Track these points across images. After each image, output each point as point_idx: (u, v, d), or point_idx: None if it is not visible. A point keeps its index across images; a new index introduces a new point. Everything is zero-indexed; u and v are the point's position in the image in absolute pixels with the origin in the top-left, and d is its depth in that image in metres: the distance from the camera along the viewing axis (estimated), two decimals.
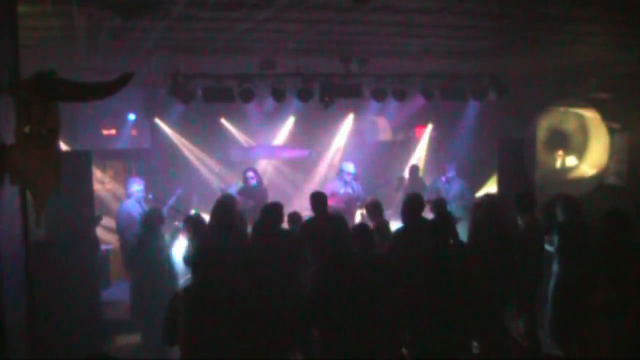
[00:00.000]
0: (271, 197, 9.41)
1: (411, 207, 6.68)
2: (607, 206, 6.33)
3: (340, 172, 9.92)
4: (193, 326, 4.45)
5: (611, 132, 10.85)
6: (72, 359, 6.04)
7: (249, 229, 7.12)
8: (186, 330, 4.47)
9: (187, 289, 4.81)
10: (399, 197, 10.22)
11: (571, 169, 11.48)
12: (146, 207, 8.20)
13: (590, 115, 11.00)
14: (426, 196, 8.50)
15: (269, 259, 5.35)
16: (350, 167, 9.81)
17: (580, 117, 11.15)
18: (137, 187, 8.56)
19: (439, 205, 7.45)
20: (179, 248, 7.31)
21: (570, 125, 11.34)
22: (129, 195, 8.58)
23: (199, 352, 4.45)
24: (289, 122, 12.49)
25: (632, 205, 7.80)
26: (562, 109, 11.27)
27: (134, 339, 7.28)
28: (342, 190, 9.62)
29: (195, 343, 4.44)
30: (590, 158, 11.19)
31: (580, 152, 11.31)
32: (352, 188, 9.67)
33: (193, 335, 4.44)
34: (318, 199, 7.20)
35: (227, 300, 4.54)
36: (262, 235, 6.57)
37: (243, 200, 9.02)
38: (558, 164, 11.59)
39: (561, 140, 11.45)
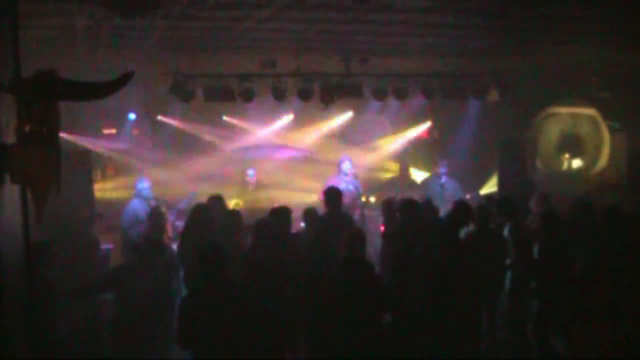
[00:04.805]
0: (270, 197, 9.44)
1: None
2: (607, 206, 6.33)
3: (339, 169, 9.72)
4: (201, 327, 4.39)
5: (611, 131, 10.86)
6: (72, 359, 6.03)
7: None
8: (195, 331, 4.41)
9: (194, 290, 4.78)
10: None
11: (576, 170, 11.40)
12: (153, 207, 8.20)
13: (600, 118, 10.96)
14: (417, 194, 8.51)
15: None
16: (348, 164, 9.64)
17: (593, 120, 11.06)
18: (143, 185, 8.57)
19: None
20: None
21: (583, 129, 11.25)
22: (135, 195, 8.58)
23: (207, 352, 4.39)
24: (289, 121, 12.46)
25: (632, 205, 7.82)
26: (569, 111, 11.19)
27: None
28: (342, 187, 9.51)
29: (204, 344, 4.39)
30: (599, 159, 11.14)
31: (595, 154, 11.22)
32: (353, 185, 9.46)
33: (202, 336, 4.40)
34: (333, 194, 6.98)
35: (230, 301, 4.49)
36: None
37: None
38: (565, 166, 11.53)
39: (574, 144, 11.35)
